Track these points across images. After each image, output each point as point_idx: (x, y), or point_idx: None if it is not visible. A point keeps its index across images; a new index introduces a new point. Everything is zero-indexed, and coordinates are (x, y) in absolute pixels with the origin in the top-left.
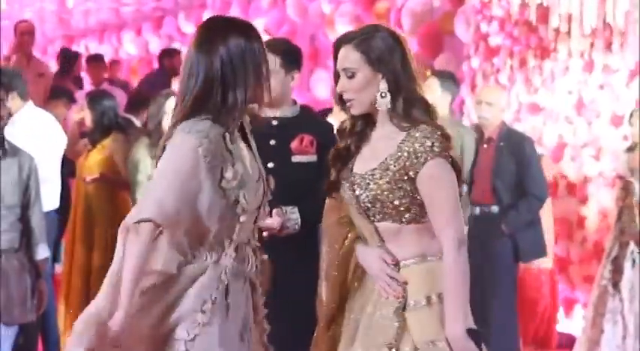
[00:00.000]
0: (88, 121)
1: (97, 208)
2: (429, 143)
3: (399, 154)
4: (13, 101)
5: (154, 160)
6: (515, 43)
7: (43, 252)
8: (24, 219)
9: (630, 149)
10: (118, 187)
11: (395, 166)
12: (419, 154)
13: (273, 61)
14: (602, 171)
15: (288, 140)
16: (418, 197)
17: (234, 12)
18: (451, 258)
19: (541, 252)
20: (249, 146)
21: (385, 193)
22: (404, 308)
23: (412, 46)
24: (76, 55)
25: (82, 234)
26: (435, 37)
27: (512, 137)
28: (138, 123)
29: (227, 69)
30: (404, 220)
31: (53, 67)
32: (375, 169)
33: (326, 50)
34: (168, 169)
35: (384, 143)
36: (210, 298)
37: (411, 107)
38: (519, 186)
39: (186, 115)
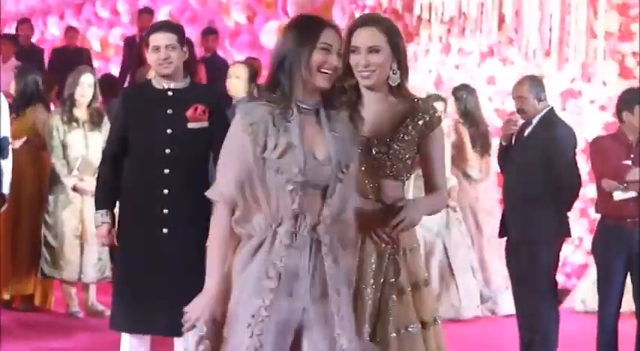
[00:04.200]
0: (12, 92)
1: (24, 170)
2: (436, 113)
3: (414, 122)
4: None
5: (64, 126)
6: None
7: None
8: None
9: None
10: (40, 150)
11: (413, 130)
12: (429, 122)
13: (173, 38)
14: None
15: (183, 109)
16: (414, 158)
17: (144, 1)
18: (444, 195)
19: None
20: (334, 131)
21: (404, 152)
22: (397, 253)
23: None
24: None
25: (13, 188)
26: None
27: None
28: None
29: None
30: (402, 177)
31: None
32: (394, 131)
33: (222, 33)
34: (224, 151)
35: (392, 111)
36: (272, 265)
37: (406, 83)
38: None
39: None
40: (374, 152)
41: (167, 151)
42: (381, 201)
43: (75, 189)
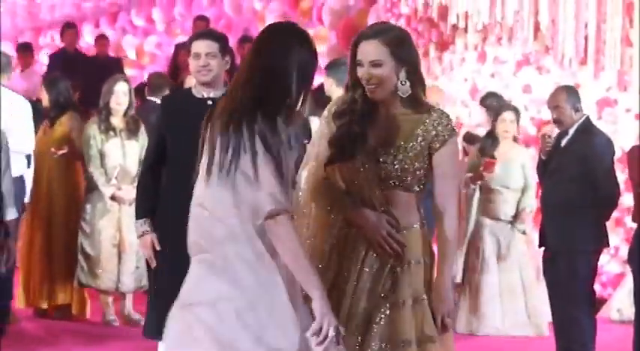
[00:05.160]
0: (46, 102)
1: (57, 178)
2: (449, 125)
3: (426, 132)
4: None
5: (102, 135)
6: (419, 37)
7: (11, 214)
8: None
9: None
10: (75, 159)
11: (423, 141)
12: (442, 133)
13: (214, 47)
14: None
15: None
16: (427, 170)
17: (179, 9)
18: (455, 222)
19: None
20: None
21: (411, 162)
22: (401, 266)
23: (331, 38)
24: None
25: (47, 197)
26: (352, 31)
27: None
28: None
29: None
30: (413, 189)
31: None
32: (403, 142)
33: None
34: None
35: (403, 122)
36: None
37: (421, 93)
38: None
39: None
40: (380, 161)
41: None
42: (388, 212)
43: (113, 198)
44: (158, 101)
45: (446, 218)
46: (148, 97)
